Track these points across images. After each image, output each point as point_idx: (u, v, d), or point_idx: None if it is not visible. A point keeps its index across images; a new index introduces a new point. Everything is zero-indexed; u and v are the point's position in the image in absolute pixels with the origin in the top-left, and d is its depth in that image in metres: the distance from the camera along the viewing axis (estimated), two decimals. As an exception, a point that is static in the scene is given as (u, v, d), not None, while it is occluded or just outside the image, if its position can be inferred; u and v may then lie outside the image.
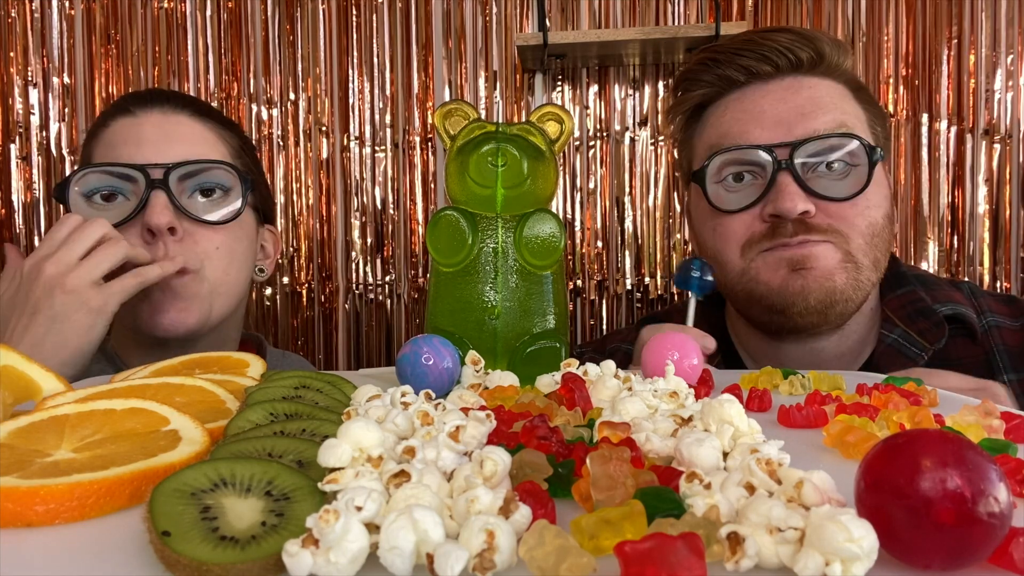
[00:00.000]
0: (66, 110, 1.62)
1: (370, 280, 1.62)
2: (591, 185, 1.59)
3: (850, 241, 0.79)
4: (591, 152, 1.59)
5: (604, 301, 1.60)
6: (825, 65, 0.83)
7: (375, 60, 1.61)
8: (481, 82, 1.60)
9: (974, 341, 0.84)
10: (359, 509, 0.25)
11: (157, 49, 1.61)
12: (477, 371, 0.54)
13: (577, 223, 1.60)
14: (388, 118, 1.61)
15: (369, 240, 1.62)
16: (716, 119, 0.86)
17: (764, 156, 0.78)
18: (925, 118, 1.51)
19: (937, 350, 0.82)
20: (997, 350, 0.83)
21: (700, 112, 0.89)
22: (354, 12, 1.60)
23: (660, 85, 1.57)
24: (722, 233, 0.83)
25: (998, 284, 1.50)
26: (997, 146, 1.49)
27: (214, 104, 1.60)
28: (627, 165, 1.58)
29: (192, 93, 1.62)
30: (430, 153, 1.61)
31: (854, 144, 0.79)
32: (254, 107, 1.61)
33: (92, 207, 0.84)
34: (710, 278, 0.78)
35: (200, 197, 0.86)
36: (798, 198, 0.76)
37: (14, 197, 1.61)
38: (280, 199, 1.61)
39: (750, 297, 0.83)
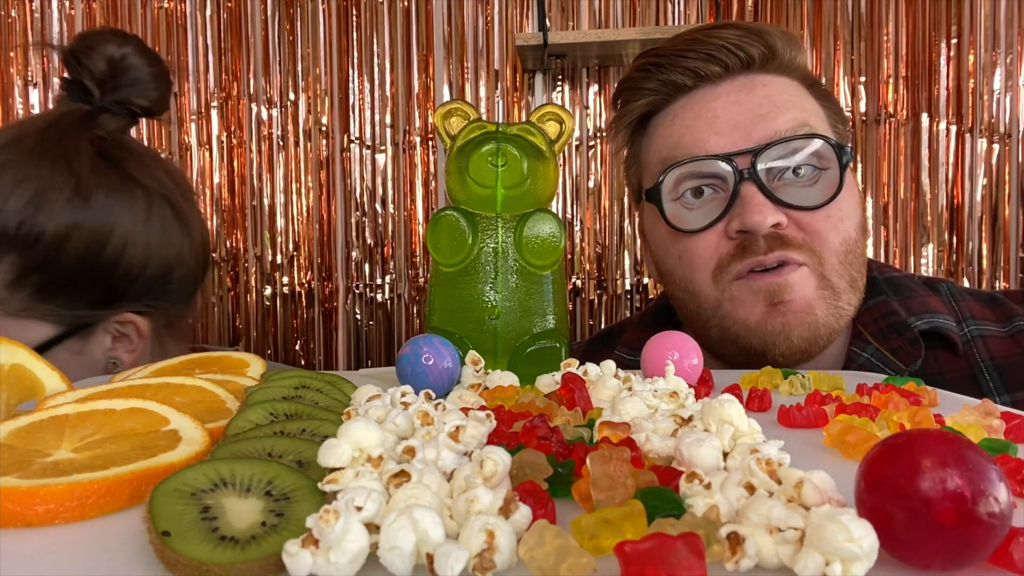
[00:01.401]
0: (66, 110, 1.62)
1: (370, 280, 1.62)
2: (591, 185, 1.59)
3: (824, 262, 0.71)
4: (591, 152, 1.59)
5: (603, 301, 1.60)
6: (778, 61, 0.75)
7: (375, 60, 1.61)
8: (481, 82, 1.60)
9: (955, 353, 0.76)
10: (359, 509, 0.25)
11: (157, 49, 1.61)
12: (477, 371, 0.54)
13: (577, 223, 1.60)
14: (388, 118, 1.61)
15: (369, 240, 1.62)
16: (665, 129, 0.77)
17: (724, 166, 0.70)
18: (924, 118, 1.51)
19: (914, 371, 0.74)
20: (984, 366, 0.75)
21: (646, 123, 0.80)
22: (354, 12, 1.60)
23: (660, 85, 1.57)
24: (689, 260, 0.74)
25: (997, 284, 1.50)
26: (996, 146, 1.49)
27: (214, 104, 1.60)
28: (627, 165, 1.58)
29: (192, 93, 1.62)
30: (430, 153, 1.61)
31: (820, 145, 0.70)
32: (254, 107, 1.61)
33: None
34: None
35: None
36: (766, 210, 0.68)
37: (14, 197, 1.61)
38: (280, 199, 1.61)
39: (724, 336, 0.74)
